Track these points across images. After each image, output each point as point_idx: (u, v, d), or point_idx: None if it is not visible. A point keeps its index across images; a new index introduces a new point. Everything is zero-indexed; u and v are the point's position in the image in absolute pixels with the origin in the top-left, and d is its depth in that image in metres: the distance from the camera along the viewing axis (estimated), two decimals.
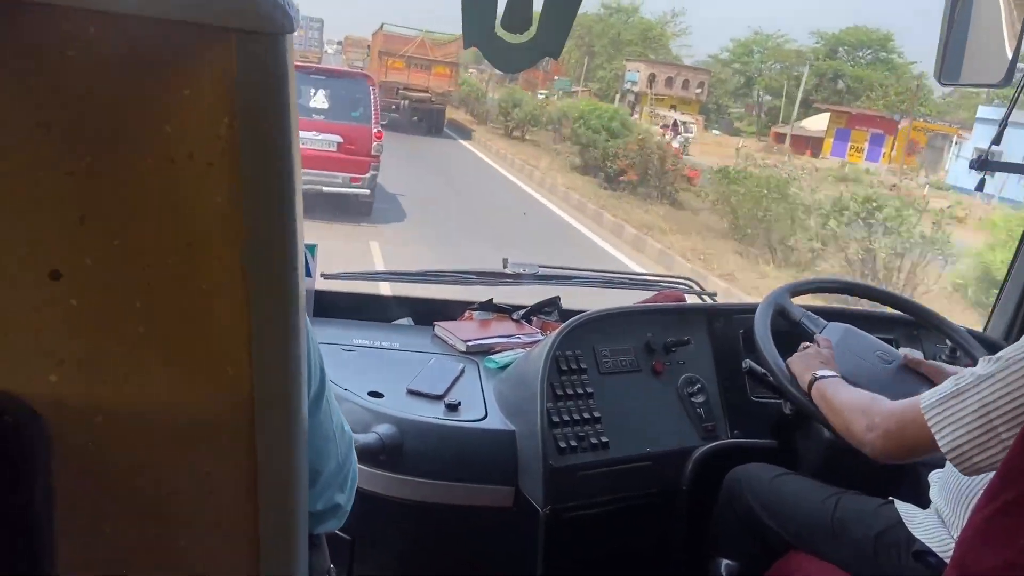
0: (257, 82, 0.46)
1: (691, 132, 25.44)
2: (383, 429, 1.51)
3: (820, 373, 1.50)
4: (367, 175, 9.38)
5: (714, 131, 32.41)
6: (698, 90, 33.19)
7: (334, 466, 0.89)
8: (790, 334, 1.73)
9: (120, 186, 0.48)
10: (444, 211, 10.85)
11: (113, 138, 0.47)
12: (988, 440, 1.08)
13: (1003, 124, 1.94)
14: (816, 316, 1.76)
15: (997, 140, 1.98)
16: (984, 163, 1.94)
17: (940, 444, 1.12)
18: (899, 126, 28.72)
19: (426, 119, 20.80)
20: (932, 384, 1.66)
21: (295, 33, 0.48)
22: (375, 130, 9.56)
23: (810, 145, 28.88)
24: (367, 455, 1.49)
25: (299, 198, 0.52)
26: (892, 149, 28.44)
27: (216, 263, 0.50)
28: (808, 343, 1.65)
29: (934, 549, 1.35)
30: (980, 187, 2.05)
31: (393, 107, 19.16)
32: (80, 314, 0.50)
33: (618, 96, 32.19)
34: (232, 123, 0.47)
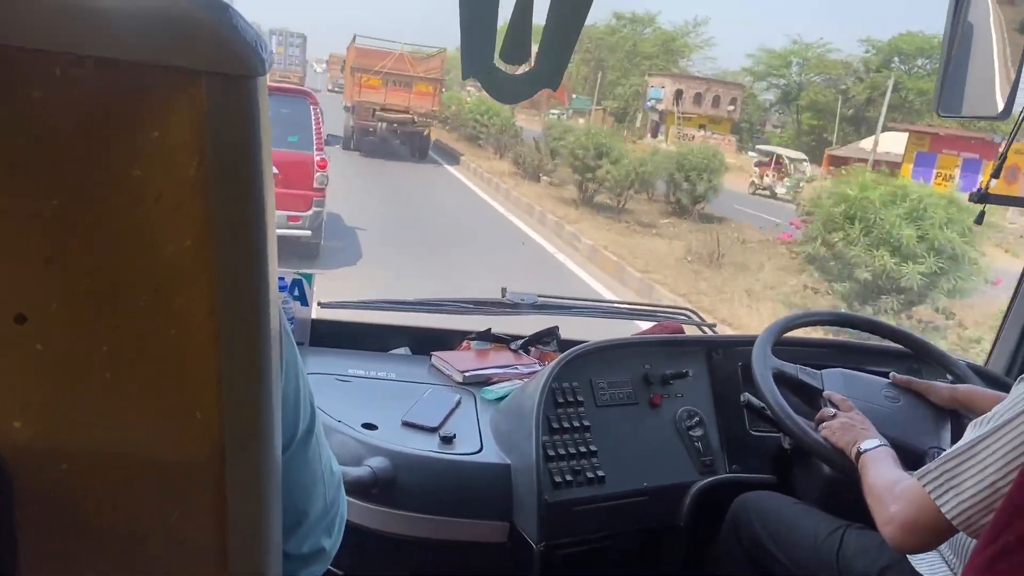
0: (228, 124, 0.46)
1: (804, 172, 20.96)
2: (376, 462, 1.49)
3: (864, 446, 1.42)
4: (309, 212, 7.84)
5: (750, 153, 29.57)
6: (731, 107, 30.47)
7: (321, 508, 0.87)
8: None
9: (87, 228, 0.47)
10: (413, 250, 8.99)
11: (80, 179, 0.46)
12: (992, 501, 1.06)
13: (1002, 158, 1.93)
14: (811, 370, 1.72)
15: (996, 173, 1.97)
16: (984, 197, 1.93)
17: (945, 512, 1.10)
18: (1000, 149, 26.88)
19: (408, 143, 19.23)
20: (938, 410, 1.65)
21: (272, 51, 0.48)
22: (318, 158, 8.01)
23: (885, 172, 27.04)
24: (359, 489, 1.47)
25: (271, 239, 0.51)
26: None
27: (185, 306, 0.49)
28: (833, 408, 1.58)
29: None
30: (979, 220, 2.04)
31: (370, 130, 18.15)
32: (46, 358, 0.49)
33: (640, 115, 30.75)
34: (202, 165, 0.46)
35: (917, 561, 1.38)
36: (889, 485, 1.25)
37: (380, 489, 1.48)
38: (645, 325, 2.20)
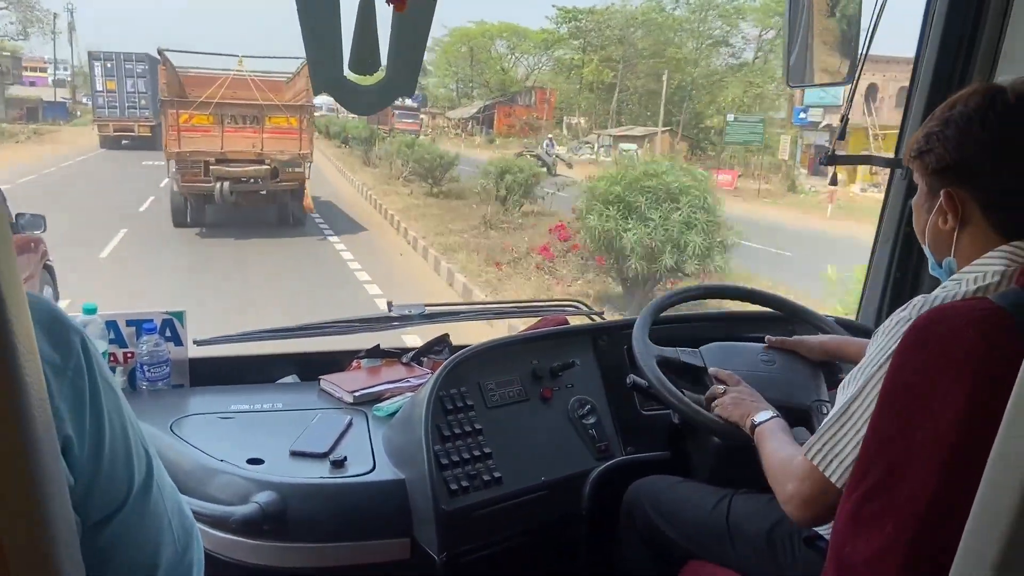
0: None
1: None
2: (263, 497, 1.44)
3: (757, 419, 1.44)
4: None
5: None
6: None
7: (172, 557, 0.82)
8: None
9: None
10: None
11: None
12: None
13: (844, 120, 2.04)
14: (690, 350, 1.76)
15: (841, 135, 2.08)
16: (832, 158, 2.03)
17: (833, 480, 1.12)
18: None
19: (276, 206, 12.76)
20: (812, 364, 1.71)
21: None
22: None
23: None
24: (249, 527, 1.41)
25: (11, 274, 0.46)
26: None
27: None
28: (721, 385, 1.60)
29: (824, 534, 1.37)
30: (833, 182, 2.14)
31: (205, 194, 11.94)
32: None
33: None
34: None
35: None
36: (783, 463, 1.27)
37: (271, 524, 1.43)
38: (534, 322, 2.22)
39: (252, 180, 12.36)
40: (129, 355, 1.85)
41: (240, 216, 12.63)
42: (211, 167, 11.96)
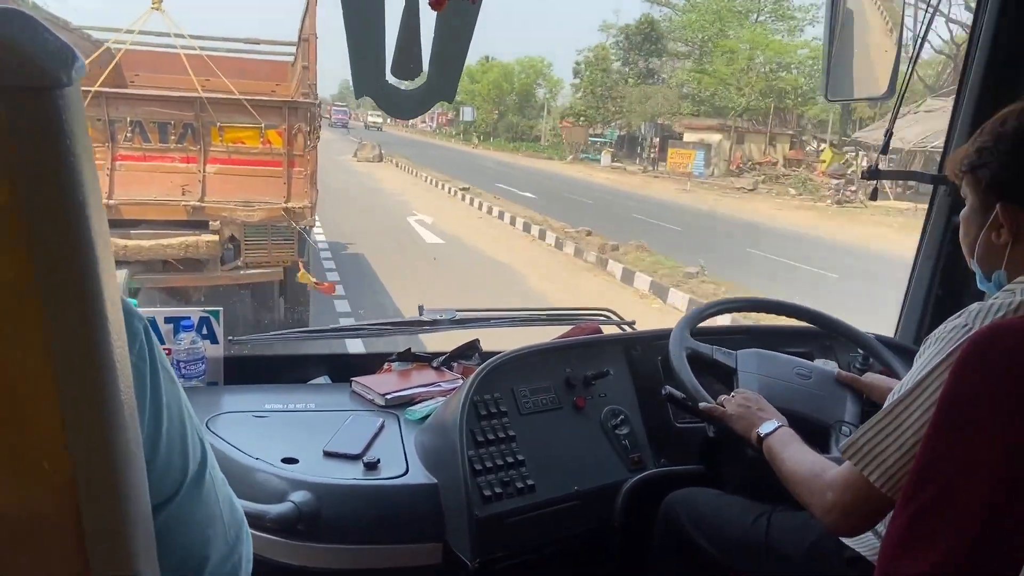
0: (35, 142, 0.42)
1: None
2: (298, 497, 1.44)
3: (763, 430, 1.42)
4: None
5: None
6: None
7: (223, 550, 0.82)
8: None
9: None
10: None
11: None
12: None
13: (888, 135, 2.01)
14: (726, 350, 1.75)
15: (884, 150, 2.05)
16: (875, 173, 2.01)
17: (873, 481, 1.10)
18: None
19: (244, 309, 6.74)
20: (854, 391, 1.68)
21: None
22: None
23: None
24: (284, 526, 1.42)
25: (106, 265, 0.47)
26: None
27: (15, 348, 0.45)
28: (732, 392, 1.59)
29: (865, 555, 1.35)
30: (873, 196, 2.11)
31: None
32: None
33: None
34: (12, 189, 0.42)
35: None
36: (815, 472, 1.24)
37: (305, 524, 1.43)
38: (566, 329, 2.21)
39: (182, 264, 6.21)
40: (166, 351, 1.87)
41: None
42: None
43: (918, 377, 1.10)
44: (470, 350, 2.15)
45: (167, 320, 1.86)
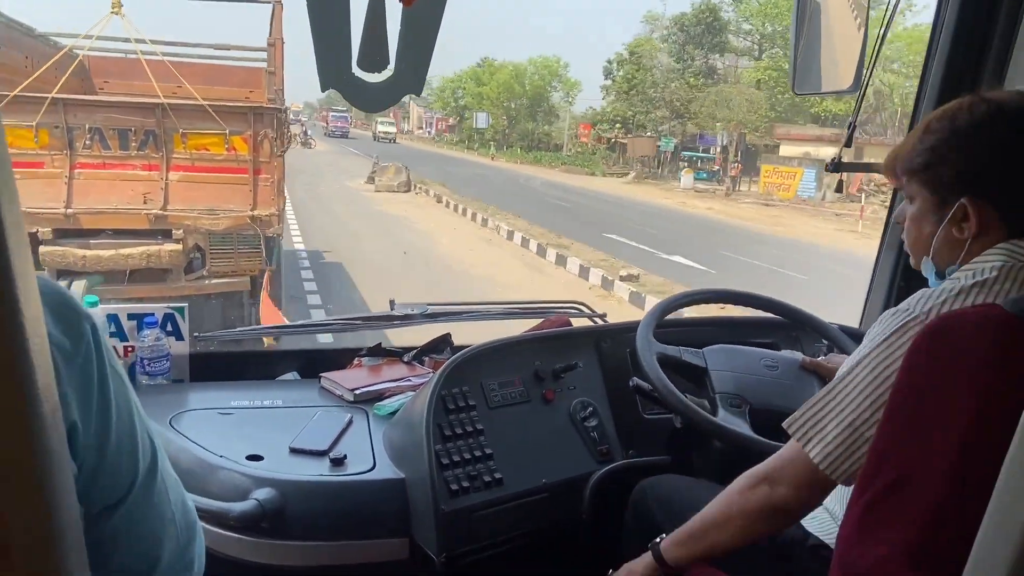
0: None
1: None
2: (262, 494, 1.43)
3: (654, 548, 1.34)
4: None
5: None
6: None
7: (174, 550, 0.82)
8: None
9: None
10: None
11: None
12: (852, 443, 1.08)
13: (851, 127, 2.03)
14: (693, 349, 1.75)
15: (848, 142, 2.07)
16: (839, 166, 2.02)
17: (811, 456, 1.11)
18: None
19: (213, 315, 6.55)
20: (819, 376, 1.71)
21: None
22: None
23: None
24: (247, 524, 1.41)
25: (16, 231, 0.44)
26: None
27: None
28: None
29: (828, 543, 1.36)
30: (839, 189, 2.13)
31: None
32: None
33: None
34: None
35: (807, 520, 1.41)
36: (727, 493, 1.25)
37: (269, 521, 1.42)
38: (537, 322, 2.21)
39: (144, 274, 6.16)
40: (130, 349, 1.85)
41: None
42: (43, 248, 5.80)
43: (857, 358, 1.11)
44: (442, 344, 2.15)
45: (130, 317, 1.84)
